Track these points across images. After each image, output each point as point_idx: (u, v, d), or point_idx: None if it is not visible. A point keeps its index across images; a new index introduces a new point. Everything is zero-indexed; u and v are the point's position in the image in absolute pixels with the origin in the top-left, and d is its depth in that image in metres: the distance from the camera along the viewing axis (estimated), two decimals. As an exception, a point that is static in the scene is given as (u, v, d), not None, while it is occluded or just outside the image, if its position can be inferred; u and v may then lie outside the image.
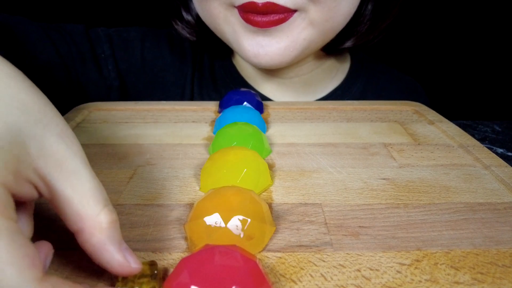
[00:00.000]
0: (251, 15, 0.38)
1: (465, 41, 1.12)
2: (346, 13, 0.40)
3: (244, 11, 0.38)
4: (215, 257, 0.17)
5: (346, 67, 0.54)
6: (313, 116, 0.41)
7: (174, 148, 0.33)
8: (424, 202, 0.26)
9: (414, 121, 0.40)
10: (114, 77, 0.50)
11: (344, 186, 0.28)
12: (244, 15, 0.39)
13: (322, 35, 0.41)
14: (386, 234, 0.23)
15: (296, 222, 0.24)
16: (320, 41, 0.43)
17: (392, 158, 0.32)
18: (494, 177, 0.29)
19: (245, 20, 0.39)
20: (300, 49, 0.41)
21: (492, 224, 0.24)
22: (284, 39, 0.40)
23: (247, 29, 0.40)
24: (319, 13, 0.38)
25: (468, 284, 0.19)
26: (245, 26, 0.40)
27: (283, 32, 0.39)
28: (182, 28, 0.49)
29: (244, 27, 0.40)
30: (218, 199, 0.22)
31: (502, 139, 0.44)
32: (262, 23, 0.38)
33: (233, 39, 0.42)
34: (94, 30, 0.50)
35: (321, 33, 0.41)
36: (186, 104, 0.44)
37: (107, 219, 0.18)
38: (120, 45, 0.50)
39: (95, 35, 0.49)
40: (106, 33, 0.50)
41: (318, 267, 0.20)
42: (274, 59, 0.40)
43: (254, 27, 0.38)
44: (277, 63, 0.41)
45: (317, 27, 0.40)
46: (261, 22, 0.38)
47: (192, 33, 0.49)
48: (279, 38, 0.40)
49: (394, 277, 0.20)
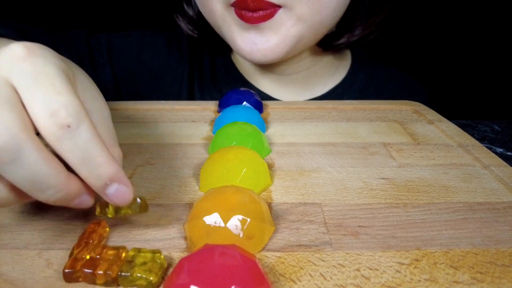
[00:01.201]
0: (244, 11, 0.40)
1: (464, 41, 1.12)
2: (333, 5, 0.41)
3: (237, 8, 0.40)
4: (214, 256, 0.18)
5: (347, 65, 0.54)
6: (313, 116, 0.41)
7: (174, 147, 0.33)
8: (423, 201, 0.26)
9: (413, 120, 0.40)
10: (109, 81, 0.51)
11: (344, 186, 0.28)
12: (238, 12, 0.40)
13: (313, 29, 0.42)
14: (385, 234, 0.23)
15: (296, 222, 0.24)
16: (312, 36, 0.43)
17: (392, 158, 0.32)
18: (494, 176, 0.29)
19: (238, 15, 0.40)
20: (291, 45, 0.42)
21: (491, 223, 0.24)
22: (273, 37, 0.41)
23: (241, 27, 0.41)
24: (305, 7, 0.39)
25: (467, 283, 0.19)
26: (239, 25, 0.41)
27: (272, 30, 0.41)
28: (184, 24, 0.50)
29: (238, 26, 0.41)
30: (218, 198, 0.22)
31: (502, 139, 0.44)
32: (252, 19, 0.40)
33: (228, 37, 0.43)
34: (95, 37, 0.51)
35: (310, 27, 0.41)
36: (186, 103, 0.44)
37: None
38: (119, 52, 0.52)
39: (95, 42, 0.51)
40: (107, 40, 0.52)
41: (318, 266, 0.20)
42: (266, 56, 0.42)
43: (246, 23, 0.40)
44: (270, 59, 0.42)
45: (305, 22, 0.40)
46: (251, 17, 0.39)
47: (193, 29, 0.50)
48: (268, 35, 0.41)
49: (394, 277, 0.20)
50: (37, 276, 0.19)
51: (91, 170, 0.19)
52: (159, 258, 0.19)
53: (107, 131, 0.21)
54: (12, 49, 0.19)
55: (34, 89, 0.18)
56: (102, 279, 0.18)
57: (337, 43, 0.47)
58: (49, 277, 0.19)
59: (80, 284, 0.19)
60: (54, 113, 0.17)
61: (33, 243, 0.22)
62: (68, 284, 0.19)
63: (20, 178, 0.17)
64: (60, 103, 0.18)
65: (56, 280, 0.19)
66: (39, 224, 0.23)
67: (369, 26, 0.47)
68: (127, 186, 0.20)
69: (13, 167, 0.17)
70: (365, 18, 0.46)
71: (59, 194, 0.18)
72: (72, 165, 0.18)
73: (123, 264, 0.19)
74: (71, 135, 0.18)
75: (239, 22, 0.41)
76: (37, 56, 0.19)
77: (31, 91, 0.18)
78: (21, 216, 0.24)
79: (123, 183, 0.20)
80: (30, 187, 0.18)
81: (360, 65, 0.54)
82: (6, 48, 0.19)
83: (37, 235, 0.22)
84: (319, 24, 0.42)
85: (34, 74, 0.18)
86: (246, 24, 0.40)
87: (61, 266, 0.20)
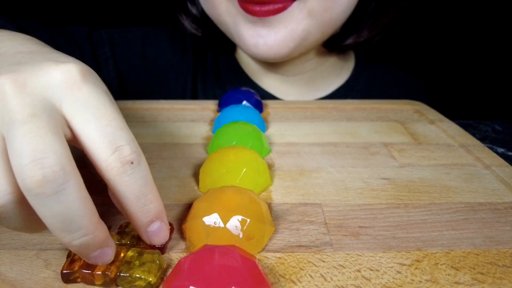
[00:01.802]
0: (250, 5, 0.39)
1: (465, 40, 1.12)
2: (345, 4, 0.40)
3: (243, 1, 0.39)
4: (214, 257, 0.17)
5: (351, 66, 0.54)
6: (313, 115, 0.41)
7: (173, 147, 0.33)
8: (424, 202, 0.26)
9: (414, 120, 0.40)
10: (113, 77, 0.50)
11: (344, 186, 0.28)
12: (242, 4, 0.39)
13: (321, 26, 0.41)
14: (386, 234, 0.23)
15: (296, 222, 0.24)
16: (319, 34, 0.43)
17: (393, 158, 0.32)
18: (495, 177, 0.29)
19: (244, 9, 0.39)
20: (299, 40, 0.41)
21: (492, 224, 0.24)
22: (282, 30, 0.40)
23: (247, 19, 0.40)
24: (318, 2, 0.39)
25: (469, 284, 0.19)
26: (245, 17, 0.40)
27: (281, 22, 0.40)
28: (187, 22, 0.49)
29: (244, 18, 0.41)
30: (217, 199, 0.22)
31: (503, 139, 0.44)
32: (261, 12, 0.39)
33: (233, 30, 0.43)
34: (97, 32, 0.51)
35: (320, 24, 0.41)
36: (185, 103, 0.44)
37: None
38: (122, 46, 0.51)
39: (97, 37, 0.50)
40: (109, 35, 0.51)
41: (318, 267, 0.20)
42: (272, 49, 0.41)
43: (253, 17, 0.39)
44: (276, 53, 0.41)
45: (315, 18, 0.40)
46: (260, 11, 0.39)
47: (197, 27, 0.49)
48: (277, 28, 0.40)
49: (394, 278, 0.19)
50: (36, 276, 0.19)
51: (142, 206, 0.19)
52: (158, 259, 0.19)
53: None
54: (65, 70, 0.18)
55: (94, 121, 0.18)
56: (100, 279, 0.18)
57: (344, 44, 0.47)
58: (48, 277, 0.19)
59: (79, 285, 0.19)
60: (118, 149, 0.18)
61: (31, 243, 0.21)
62: (66, 285, 0.19)
63: (54, 214, 0.16)
64: (123, 140, 0.18)
65: (54, 281, 0.19)
66: (37, 224, 0.23)
67: (376, 27, 0.46)
68: (167, 225, 0.20)
69: (51, 201, 0.16)
70: (372, 19, 0.46)
71: (85, 238, 0.17)
72: (126, 201, 0.18)
73: (122, 265, 0.19)
74: (132, 171, 0.18)
75: (244, 15, 0.40)
76: (92, 80, 0.19)
77: (91, 123, 0.18)
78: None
79: (164, 222, 0.20)
80: (59, 225, 0.16)
81: (363, 66, 0.54)
82: (56, 69, 0.18)
83: (35, 236, 0.22)
84: (328, 21, 0.41)
85: (93, 104, 0.18)
86: (253, 18, 0.39)
87: (59, 266, 0.19)
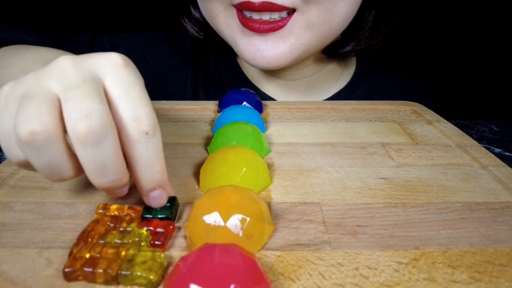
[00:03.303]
0: (249, 20, 0.38)
1: (462, 41, 1.13)
2: (344, 15, 0.40)
3: (241, 9, 0.38)
4: (214, 255, 0.18)
5: (351, 70, 0.54)
6: (312, 116, 0.41)
7: (174, 147, 0.34)
8: (422, 201, 0.26)
9: (412, 121, 0.40)
10: None
11: (343, 185, 0.28)
12: (242, 18, 0.39)
13: (321, 38, 0.41)
14: (384, 233, 0.23)
15: (295, 221, 0.24)
16: (319, 44, 0.42)
17: (390, 158, 0.32)
18: (492, 176, 0.29)
19: (243, 24, 0.39)
20: (298, 53, 0.41)
21: (489, 223, 0.24)
22: (281, 45, 0.40)
23: (245, 33, 0.40)
24: (316, 14, 0.38)
25: (465, 283, 0.19)
26: (243, 30, 0.40)
27: (281, 37, 0.39)
28: (190, 26, 0.49)
29: (241, 31, 0.40)
30: (217, 198, 0.22)
31: (500, 139, 0.44)
32: (260, 29, 0.38)
33: (231, 40, 0.43)
34: (99, 39, 0.51)
35: (319, 36, 0.41)
36: (186, 103, 0.44)
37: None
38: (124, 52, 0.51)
39: (99, 44, 0.51)
40: (110, 42, 0.51)
41: (317, 265, 0.20)
42: (271, 63, 0.41)
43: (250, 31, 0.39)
44: (275, 66, 0.41)
45: (314, 30, 0.40)
46: (258, 28, 0.38)
47: (199, 31, 0.50)
48: (275, 44, 0.40)
49: (392, 276, 0.20)
50: (38, 275, 0.19)
51: (149, 174, 0.22)
52: (159, 257, 0.19)
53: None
54: (111, 56, 0.22)
55: (125, 95, 0.21)
56: (102, 277, 0.18)
57: (342, 51, 0.47)
58: (50, 275, 0.19)
59: (80, 283, 0.19)
60: (138, 119, 0.20)
61: (33, 242, 0.22)
62: (68, 283, 0.19)
63: (94, 159, 0.19)
64: (144, 113, 0.21)
65: (56, 279, 0.19)
66: (39, 223, 0.23)
67: (376, 35, 0.46)
68: (167, 194, 0.23)
69: (93, 150, 0.19)
70: (372, 27, 0.45)
71: (115, 182, 0.21)
72: (136, 165, 0.21)
73: (123, 263, 0.19)
74: (146, 141, 0.21)
75: (243, 28, 0.40)
76: (131, 67, 0.22)
77: (123, 96, 0.21)
78: (22, 215, 0.24)
79: (166, 191, 0.23)
80: (97, 170, 0.20)
81: (364, 69, 0.54)
82: (105, 55, 0.22)
83: (37, 234, 0.22)
84: (328, 32, 0.41)
85: (128, 83, 0.21)
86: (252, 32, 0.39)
87: (61, 264, 0.20)
